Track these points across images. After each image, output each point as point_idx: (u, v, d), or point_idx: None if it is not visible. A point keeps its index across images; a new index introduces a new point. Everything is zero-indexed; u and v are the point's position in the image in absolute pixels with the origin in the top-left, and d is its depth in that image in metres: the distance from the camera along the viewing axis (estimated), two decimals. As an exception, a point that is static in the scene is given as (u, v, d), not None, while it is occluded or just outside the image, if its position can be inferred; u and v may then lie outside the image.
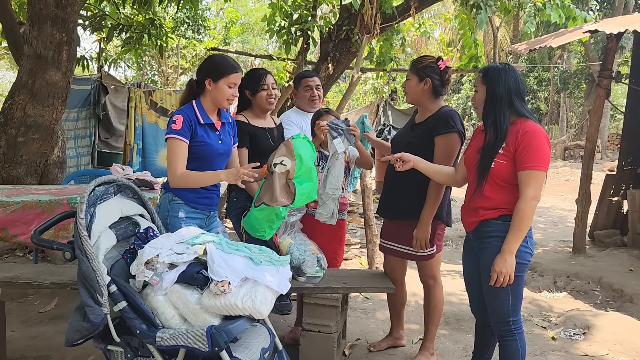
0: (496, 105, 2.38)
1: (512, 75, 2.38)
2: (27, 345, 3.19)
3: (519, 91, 2.39)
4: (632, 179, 6.23)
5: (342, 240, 3.35)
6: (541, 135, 2.31)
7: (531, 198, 2.25)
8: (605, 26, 5.09)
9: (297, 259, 2.80)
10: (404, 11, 6.01)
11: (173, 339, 1.98)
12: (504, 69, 2.40)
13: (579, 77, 25.06)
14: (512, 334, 2.42)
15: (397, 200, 2.98)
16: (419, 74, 2.89)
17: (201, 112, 2.62)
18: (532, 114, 2.40)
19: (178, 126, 2.52)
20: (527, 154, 2.28)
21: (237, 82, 2.64)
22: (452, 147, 2.82)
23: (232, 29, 15.87)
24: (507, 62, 2.56)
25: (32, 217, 3.32)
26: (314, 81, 3.41)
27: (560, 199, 10.67)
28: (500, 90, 2.37)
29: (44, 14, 4.55)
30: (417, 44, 23.97)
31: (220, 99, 2.64)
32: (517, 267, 2.33)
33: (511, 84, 2.37)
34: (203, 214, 2.73)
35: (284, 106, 6.76)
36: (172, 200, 2.64)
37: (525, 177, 2.28)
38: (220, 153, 2.69)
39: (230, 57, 2.73)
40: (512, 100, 2.36)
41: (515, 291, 2.38)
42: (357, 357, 3.17)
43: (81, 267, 2.03)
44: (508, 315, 2.40)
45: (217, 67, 2.63)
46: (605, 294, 4.60)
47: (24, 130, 4.77)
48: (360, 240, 6.26)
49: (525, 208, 2.25)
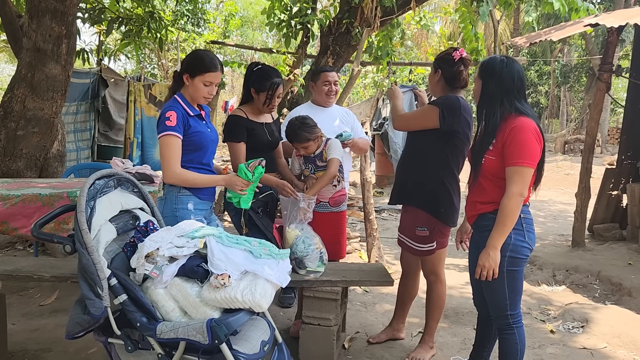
0: (488, 100, 2.38)
1: (509, 70, 2.33)
2: (28, 338, 3.20)
3: (514, 87, 2.34)
4: (631, 172, 6.23)
5: (343, 231, 3.36)
6: (529, 131, 2.27)
7: (515, 194, 2.24)
8: (606, 20, 5.07)
9: (301, 252, 2.80)
10: (405, 4, 5.99)
11: (173, 332, 1.99)
12: (501, 63, 2.36)
13: (580, 70, 25.00)
14: (510, 328, 2.43)
15: (403, 185, 3.02)
16: (434, 65, 2.93)
17: (187, 105, 2.64)
18: (527, 109, 2.35)
19: (173, 122, 2.52)
20: (513, 150, 2.27)
21: (213, 80, 2.61)
22: (424, 114, 2.87)
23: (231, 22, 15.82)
24: (508, 55, 2.52)
25: (32, 211, 3.33)
26: (333, 77, 3.49)
27: (560, 193, 10.67)
28: (492, 85, 2.35)
29: (43, 6, 4.53)
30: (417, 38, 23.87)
31: (196, 96, 2.64)
32: (514, 262, 2.35)
33: (505, 80, 2.33)
34: (208, 204, 2.76)
35: (284, 100, 6.75)
36: (179, 193, 2.63)
37: (511, 173, 2.27)
38: (212, 139, 2.74)
39: (213, 54, 2.69)
40: (505, 96, 2.33)
41: (513, 285, 2.39)
42: (357, 350, 3.19)
43: (81, 260, 2.04)
44: (506, 309, 2.41)
45: (195, 63, 2.62)
46: (604, 288, 4.61)
47: (23, 124, 4.77)
48: (360, 234, 6.27)
49: (509, 204, 2.25)
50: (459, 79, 2.87)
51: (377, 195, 9.53)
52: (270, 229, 3.08)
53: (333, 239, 3.19)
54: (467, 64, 2.88)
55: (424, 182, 2.88)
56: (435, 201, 2.86)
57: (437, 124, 2.75)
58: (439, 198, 2.86)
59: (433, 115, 2.76)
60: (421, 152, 2.89)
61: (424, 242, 2.93)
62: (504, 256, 2.35)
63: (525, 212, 2.38)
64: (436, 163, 2.84)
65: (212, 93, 2.66)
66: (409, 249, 3.02)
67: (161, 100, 7.80)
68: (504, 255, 2.35)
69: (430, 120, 2.78)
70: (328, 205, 3.20)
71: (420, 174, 2.89)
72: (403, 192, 3.01)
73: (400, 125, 3.01)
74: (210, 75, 2.60)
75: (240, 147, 3.02)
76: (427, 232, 2.91)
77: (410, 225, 2.96)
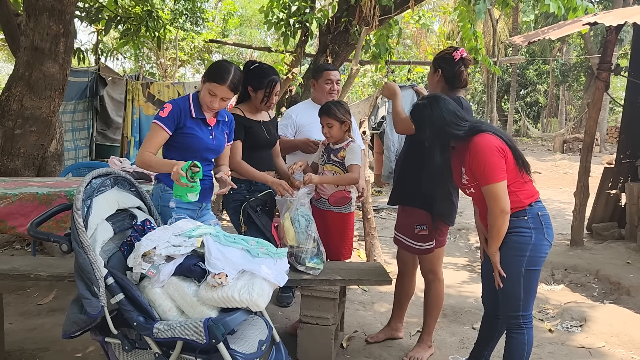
0: (429, 144, 2.45)
1: (435, 112, 2.40)
2: (25, 337, 3.19)
3: (449, 122, 2.38)
4: (630, 171, 6.23)
5: (346, 236, 3.31)
6: (484, 149, 2.32)
7: (497, 212, 2.32)
8: (604, 18, 5.07)
9: (299, 239, 2.80)
10: (403, 3, 5.97)
11: (170, 331, 1.98)
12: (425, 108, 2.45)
13: (579, 69, 25.03)
14: (520, 328, 2.43)
15: (398, 185, 3.02)
16: (433, 65, 2.92)
17: (195, 106, 2.63)
18: (477, 125, 2.40)
19: (164, 114, 2.55)
20: (478, 173, 2.35)
21: (217, 93, 2.56)
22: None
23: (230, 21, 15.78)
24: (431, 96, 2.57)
25: (30, 209, 3.32)
26: (335, 75, 3.47)
27: (559, 192, 10.66)
28: (427, 131, 2.44)
29: (41, 5, 4.51)
30: (416, 37, 23.87)
31: (202, 101, 2.63)
32: (535, 261, 2.37)
33: (436, 122, 2.40)
34: (195, 205, 2.74)
35: (282, 98, 6.74)
36: (163, 191, 2.67)
37: (487, 194, 2.35)
38: (209, 148, 2.70)
39: (232, 70, 2.58)
40: (444, 134, 2.40)
41: (529, 286, 2.39)
42: (355, 349, 3.18)
43: (78, 259, 2.03)
44: (519, 309, 2.41)
45: (210, 69, 2.62)
46: (603, 287, 4.62)
47: (21, 123, 4.75)
48: (358, 233, 6.26)
49: (496, 222, 2.35)
50: (459, 79, 2.86)
51: (376, 194, 9.52)
52: (269, 228, 3.07)
53: (333, 241, 3.17)
54: (468, 64, 2.88)
55: (423, 181, 2.87)
56: (435, 200, 2.86)
57: None
58: (438, 197, 2.85)
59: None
60: (420, 151, 2.87)
61: (424, 240, 2.93)
62: (524, 256, 2.36)
63: (540, 208, 2.41)
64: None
65: (214, 105, 2.60)
66: (407, 248, 3.02)
67: (160, 98, 7.78)
68: (524, 255, 2.36)
69: None
70: (327, 203, 3.18)
71: (419, 173, 2.88)
72: (402, 192, 3.00)
73: (403, 129, 2.92)
74: (214, 86, 2.55)
75: (237, 145, 3.01)
76: (426, 231, 2.91)
77: (409, 224, 2.96)
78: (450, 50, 2.88)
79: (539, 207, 2.40)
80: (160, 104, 7.74)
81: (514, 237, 2.37)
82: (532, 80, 29.30)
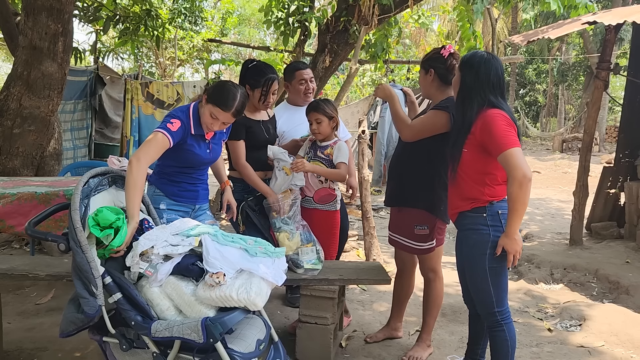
0: (465, 92, 2.42)
1: (486, 65, 2.38)
2: (23, 337, 3.19)
3: (489, 82, 2.37)
4: (629, 171, 6.22)
5: (332, 234, 3.26)
6: (497, 118, 2.30)
7: (518, 177, 2.19)
8: (603, 18, 5.07)
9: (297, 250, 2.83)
10: (402, 2, 5.97)
11: (168, 331, 1.98)
12: (480, 58, 2.41)
13: (578, 69, 25.02)
14: (499, 325, 2.43)
15: (396, 186, 3.00)
16: (423, 67, 2.90)
17: (195, 121, 2.59)
18: (502, 104, 2.38)
19: (174, 128, 2.48)
20: (493, 141, 2.29)
21: (219, 117, 2.51)
22: (434, 120, 2.76)
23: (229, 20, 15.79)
24: (491, 52, 2.55)
25: (28, 209, 3.31)
26: (308, 74, 3.35)
27: (558, 191, 10.67)
28: (470, 78, 2.40)
29: (39, 4, 4.50)
30: (415, 36, 23.88)
31: (202, 120, 2.60)
32: (496, 259, 2.35)
33: (482, 74, 2.37)
34: (186, 207, 2.76)
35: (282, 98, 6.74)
36: (154, 193, 2.71)
37: (505, 161, 2.25)
38: (205, 162, 2.74)
39: (238, 97, 2.52)
40: (480, 89, 2.37)
41: (497, 282, 2.40)
42: (354, 349, 3.18)
43: (76, 258, 2.03)
44: (493, 306, 2.42)
45: (216, 91, 2.53)
46: (602, 286, 4.61)
47: (19, 122, 4.74)
48: (357, 233, 6.26)
49: (520, 192, 2.20)
50: (453, 73, 2.86)
51: (375, 193, 9.52)
52: (268, 228, 3.06)
53: (319, 239, 3.11)
54: (457, 57, 2.86)
55: (423, 181, 2.86)
56: (435, 199, 2.85)
57: (449, 127, 2.71)
58: (439, 196, 2.85)
59: (444, 121, 2.72)
60: (419, 151, 2.86)
61: (425, 240, 2.92)
62: (484, 254, 2.36)
63: (502, 207, 2.38)
64: (436, 161, 2.82)
65: (214, 128, 2.58)
66: (405, 248, 3.00)
67: (159, 98, 7.77)
68: (484, 253, 2.36)
69: (443, 126, 2.73)
70: (312, 201, 3.16)
71: (419, 173, 2.87)
72: (401, 193, 2.97)
73: (410, 136, 2.83)
74: (217, 110, 2.50)
75: (240, 145, 3.01)
76: (427, 231, 2.90)
77: (408, 224, 2.94)
78: (437, 50, 2.88)
79: (500, 205, 2.38)
80: (159, 103, 7.74)
81: (473, 235, 2.39)
82: (531, 79, 29.31)
